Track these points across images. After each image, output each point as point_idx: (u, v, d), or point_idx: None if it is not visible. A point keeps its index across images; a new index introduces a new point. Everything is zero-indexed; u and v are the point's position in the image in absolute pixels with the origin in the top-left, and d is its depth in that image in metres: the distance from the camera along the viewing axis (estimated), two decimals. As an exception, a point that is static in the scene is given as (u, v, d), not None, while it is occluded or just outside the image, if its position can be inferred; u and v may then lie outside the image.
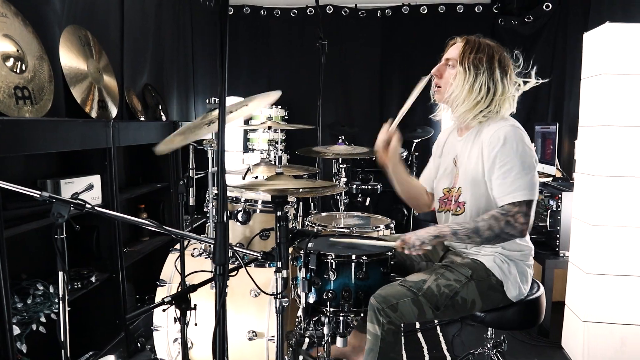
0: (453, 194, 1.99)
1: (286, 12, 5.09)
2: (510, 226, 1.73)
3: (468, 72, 1.88)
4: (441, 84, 1.98)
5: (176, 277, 2.38)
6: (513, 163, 1.77)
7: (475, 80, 1.88)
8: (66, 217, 1.45)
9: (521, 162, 1.77)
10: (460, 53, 1.92)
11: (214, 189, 2.20)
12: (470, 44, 1.93)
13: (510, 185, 1.75)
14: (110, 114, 3.01)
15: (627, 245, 2.55)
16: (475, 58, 1.88)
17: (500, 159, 1.79)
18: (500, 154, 1.79)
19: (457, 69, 1.91)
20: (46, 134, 2.12)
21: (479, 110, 1.89)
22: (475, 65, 1.88)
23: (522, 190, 1.74)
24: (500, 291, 1.89)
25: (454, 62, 1.93)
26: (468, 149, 1.94)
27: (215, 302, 1.14)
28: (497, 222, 1.74)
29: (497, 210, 1.76)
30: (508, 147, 1.78)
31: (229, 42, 4.46)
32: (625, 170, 2.51)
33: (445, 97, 1.96)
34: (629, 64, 2.48)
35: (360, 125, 5.12)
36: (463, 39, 1.96)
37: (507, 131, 1.81)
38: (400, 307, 1.79)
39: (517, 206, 1.73)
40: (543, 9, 4.35)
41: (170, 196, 3.36)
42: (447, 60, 1.97)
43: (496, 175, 1.79)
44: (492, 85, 1.88)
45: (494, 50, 1.92)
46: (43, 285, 2.15)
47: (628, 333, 2.61)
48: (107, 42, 3.09)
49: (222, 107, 1.11)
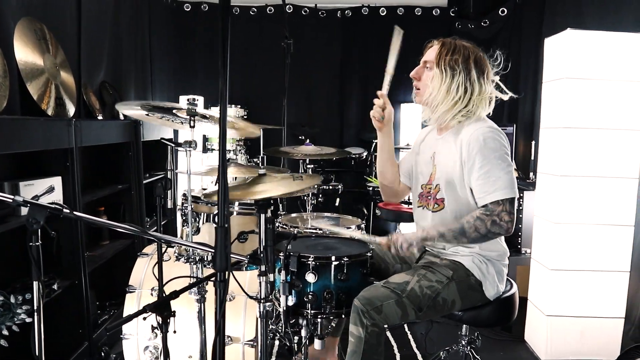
0: (431, 190, 2.02)
1: (245, 11, 5.01)
2: (497, 225, 1.76)
3: (445, 73, 1.91)
4: (420, 86, 2.01)
5: (146, 283, 2.29)
6: (493, 163, 1.81)
7: (452, 81, 1.91)
8: (42, 223, 1.35)
9: (500, 162, 1.81)
10: (436, 55, 1.95)
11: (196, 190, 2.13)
12: (446, 45, 1.96)
13: (492, 185, 1.79)
14: (68, 112, 2.85)
15: (588, 241, 2.67)
16: (451, 59, 1.92)
17: (480, 160, 1.82)
18: (480, 155, 1.82)
19: (434, 70, 1.94)
20: (5, 133, 1.98)
21: (457, 110, 1.93)
22: (452, 67, 1.91)
23: (503, 189, 1.78)
24: (479, 291, 1.93)
25: (431, 64, 1.96)
26: (446, 147, 1.97)
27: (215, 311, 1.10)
28: (482, 222, 1.77)
29: (481, 211, 1.79)
30: (487, 148, 1.82)
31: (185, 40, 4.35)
32: (587, 170, 2.63)
33: (424, 98, 1.99)
34: (590, 69, 2.59)
35: (321, 125, 5.12)
36: (439, 41, 1.99)
37: (485, 132, 1.85)
38: (384, 309, 1.79)
39: (500, 204, 1.77)
40: (499, 13, 4.49)
41: (132, 198, 3.23)
42: (424, 63, 2.00)
43: (476, 175, 1.82)
44: (469, 86, 1.92)
45: (469, 51, 1.95)
46: (2, 295, 2.01)
47: (587, 325, 2.74)
48: (63, 37, 2.92)
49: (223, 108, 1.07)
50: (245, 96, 5.02)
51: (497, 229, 1.78)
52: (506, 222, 1.78)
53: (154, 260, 2.40)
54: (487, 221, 1.77)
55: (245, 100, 4.89)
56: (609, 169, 2.64)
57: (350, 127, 5.22)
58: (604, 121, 2.62)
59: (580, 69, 2.60)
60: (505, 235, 1.85)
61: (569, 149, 2.64)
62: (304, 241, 2.22)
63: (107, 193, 2.95)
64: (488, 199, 1.79)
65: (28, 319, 2.01)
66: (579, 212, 2.66)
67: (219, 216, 1.09)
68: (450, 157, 1.93)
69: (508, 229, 1.79)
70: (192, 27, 4.99)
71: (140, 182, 3.27)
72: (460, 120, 1.94)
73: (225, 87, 1.08)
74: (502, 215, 1.77)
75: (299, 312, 1.97)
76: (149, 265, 2.36)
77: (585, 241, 2.68)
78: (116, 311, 2.98)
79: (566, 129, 2.65)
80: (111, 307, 3.05)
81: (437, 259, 2.01)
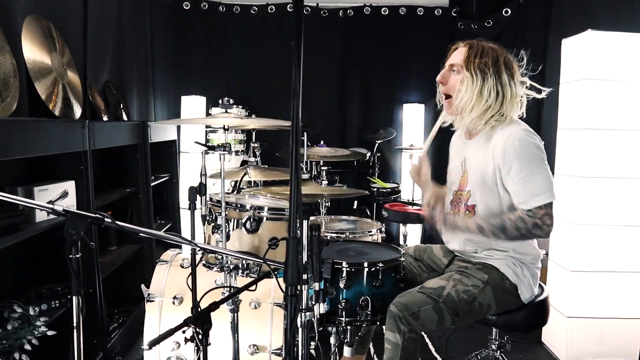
0: (463, 196, 1.97)
1: (246, 9, 4.92)
2: (538, 228, 1.74)
3: (475, 76, 1.86)
4: (449, 92, 1.94)
5: (167, 292, 2.21)
6: (531, 167, 1.77)
7: (483, 85, 1.86)
8: (82, 233, 1.27)
9: (539, 166, 1.78)
10: (464, 58, 1.89)
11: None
12: (474, 48, 1.90)
13: (534, 190, 1.75)
14: (74, 113, 2.75)
15: (609, 243, 2.67)
16: (480, 62, 1.86)
17: (518, 165, 1.78)
18: (517, 159, 1.78)
19: (464, 74, 1.88)
20: (19, 137, 1.88)
21: (490, 115, 1.88)
22: (482, 70, 1.86)
23: (544, 193, 1.75)
24: (514, 294, 1.90)
25: (459, 67, 1.90)
26: (478, 152, 1.92)
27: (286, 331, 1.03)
28: (524, 223, 1.74)
29: (525, 212, 1.75)
30: (524, 152, 1.78)
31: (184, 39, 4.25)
32: (607, 172, 2.62)
33: (455, 104, 1.92)
34: (610, 70, 2.59)
35: (322, 126, 5.05)
36: (466, 43, 1.94)
37: (521, 135, 1.81)
38: (421, 315, 1.75)
39: (543, 209, 1.74)
40: (502, 14, 4.49)
41: (139, 201, 3.13)
42: (451, 66, 1.94)
43: (515, 180, 1.78)
44: (500, 89, 1.87)
45: (497, 53, 1.91)
46: (20, 307, 1.90)
47: (607, 326, 2.73)
48: (70, 36, 2.82)
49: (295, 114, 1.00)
50: (246, 96, 4.93)
51: (538, 231, 1.75)
52: (548, 226, 1.75)
53: (173, 268, 2.33)
54: (529, 223, 1.74)
55: (246, 100, 4.81)
56: (629, 170, 2.64)
57: (352, 127, 5.17)
58: (623, 122, 2.62)
59: (600, 70, 2.59)
60: (544, 238, 1.82)
61: (588, 150, 2.63)
62: (332, 246, 2.16)
63: (117, 197, 2.85)
64: (531, 204, 1.75)
65: (49, 332, 1.91)
66: (599, 214, 2.66)
67: (290, 227, 1.03)
68: (482, 162, 1.88)
69: (548, 232, 1.77)
70: (191, 25, 4.89)
71: (148, 185, 3.18)
72: (493, 125, 1.89)
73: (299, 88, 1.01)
74: (544, 219, 1.74)
75: (330, 320, 1.92)
76: (169, 272, 2.27)
77: (605, 242, 2.67)
78: (126, 319, 2.88)
79: (586, 130, 2.63)
80: (120, 315, 2.95)
81: (469, 264, 1.97)
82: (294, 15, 1.03)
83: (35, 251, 2.35)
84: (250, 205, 1.92)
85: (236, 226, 1.93)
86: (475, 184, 1.91)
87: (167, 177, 3.76)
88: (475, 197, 1.92)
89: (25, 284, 2.24)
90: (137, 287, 2.32)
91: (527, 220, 1.75)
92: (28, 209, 2.01)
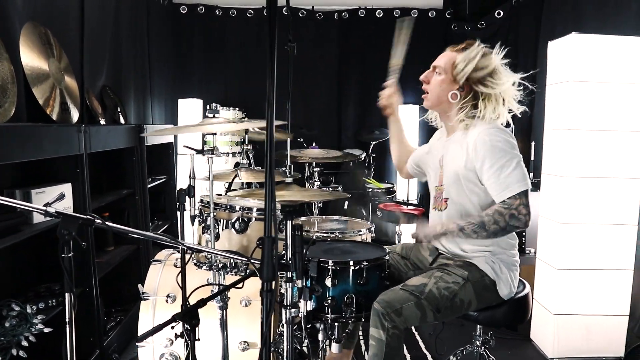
0: (442, 192, 2.06)
1: (242, 12, 4.99)
2: (515, 218, 1.80)
3: (453, 79, 1.96)
4: (428, 90, 2.04)
5: (161, 290, 2.28)
6: (502, 160, 1.83)
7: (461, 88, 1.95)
8: (74, 234, 1.34)
9: (510, 158, 1.84)
10: (447, 61, 1.99)
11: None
12: (458, 52, 1.99)
13: (505, 181, 1.82)
14: (72, 117, 2.82)
15: (593, 241, 2.72)
16: (461, 66, 1.95)
17: (489, 160, 1.85)
18: (488, 154, 1.85)
19: (444, 77, 1.98)
20: (17, 141, 1.95)
21: (465, 115, 1.96)
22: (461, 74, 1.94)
23: (517, 182, 1.81)
24: (494, 290, 1.96)
25: (441, 69, 1.99)
26: (453, 149, 2.01)
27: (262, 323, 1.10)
28: (501, 216, 1.80)
29: (500, 205, 1.82)
30: (494, 147, 1.85)
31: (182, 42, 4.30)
32: (591, 171, 2.68)
33: (432, 103, 2.05)
34: (594, 72, 2.64)
35: (319, 127, 5.12)
36: (453, 48, 2.02)
37: (490, 132, 1.88)
38: (404, 311, 1.81)
39: (517, 199, 1.80)
40: (495, 16, 4.55)
41: (136, 202, 3.20)
42: (434, 68, 2.04)
43: (488, 175, 1.86)
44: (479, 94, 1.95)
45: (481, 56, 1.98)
46: (18, 305, 1.98)
47: (593, 323, 2.79)
48: (67, 41, 2.90)
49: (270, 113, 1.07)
50: (243, 98, 5.00)
51: (515, 221, 1.80)
52: (524, 215, 1.81)
53: (167, 267, 2.39)
54: (506, 215, 1.80)
55: (243, 103, 4.87)
56: (613, 169, 2.69)
57: (348, 128, 5.24)
58: (607, 123, 2.67)
59: (584, 72, 2.65)
60: (523, 229, 1.88)
61: (573, 151, 2.69)
62: (320, 245, 2.23)
63: (113, 199, 2.92)
64: (504, 195, 1.81)
65: (46, 329, 1.98)
66: (584, 212, 2.71)
67: (265, 227, 1.09)
68: (456, 159, 1.97)
69: (526, 222, 1.82)
70: (188, 29, 4.96)
71: (145, 187, 3.25)
72: (468, 124, 1.97)
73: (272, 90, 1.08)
74: (520, 208, 1.80)
75: (317, 317, 1.98)
76: (162, 271, 2.34)
77: (590, 241, 2.73)
78: (123, 318, 2.95)
79: (570, 130, 2.69)
80: (117, 314, 3.02)
81: (451, 261, 2.04)
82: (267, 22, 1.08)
83: (34, 252, 2.42)
84: (239, 206, 1.98)
85: (226, 226, 2.00)
86: (450, 179, 2.00)
87: (164, 179, 3.84)
88: (448, 191, 2.01)
89: (25, 283, 2.31)
90: (134, 286, 2.37)
91: (504, 212, 1.80)
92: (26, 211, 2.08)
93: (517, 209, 1.80)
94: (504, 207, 1.81)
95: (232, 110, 4.64)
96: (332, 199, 2.06)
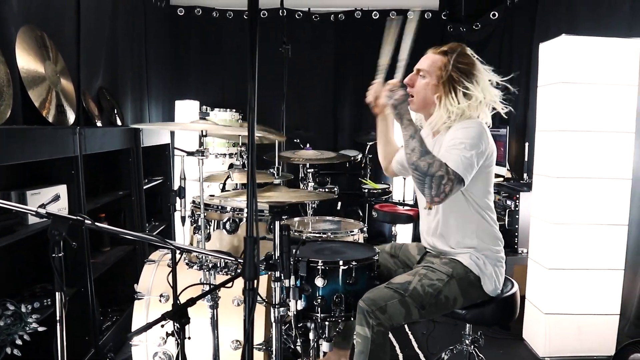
0: None
1: (239, 15, 5.03)
2: (438, 182, 1.74)
3: (438, 83, 1.99)
4: (414, 93, 2.07)
5: (155, 290, 2.31)
6: (464, 142, 1.82)
7: (445, 91, 1.98)
8: (64, 234, 1.37)
9: (469, 145, 1.82)
10: (431, 64, 2.01)
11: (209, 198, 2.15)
12: (441, 55, 2.01)
13: (456, 155, 1.79)
14: (68, 119, 2.86)
15: (584, 241, 2.75)
16: (445, 69, 1.97)
17: (454, 136, 1.86)
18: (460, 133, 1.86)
19: (428, 79, 2.00)
20: (12, 143, 1.98)
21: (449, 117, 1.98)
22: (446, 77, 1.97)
23: (460, 165, 1.77)
24: (478, 286, 1.98)
25: (425, 72, 2.02)
26: (437, 150, 2.03)
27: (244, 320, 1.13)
28: (438, 169, 1.75)
29: (445, 165, 1.77)
30: (468, 129, 1.87)
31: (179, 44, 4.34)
32: (582, 172, 2.71)
33: (418, 106, 2.08)
34: (584, 73, 2.67)
35: (315, 129, 5.16)
36: (435, 50, 2.05)
37: (466, 123, 1.91)
38: (388, 309, 1.84)
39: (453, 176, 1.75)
40: (490, 17, 4.57)
41: (132, 203, 3.23)
42: (418, 71, 2.06)
43: (449, 140, 1.86)
44: (462, 96, 1.96)
45: (464, 60, 2.01)
46: (13, 304, 2.01)
47: (584, 322, 2.81)
48: (63, 44, 2.93)
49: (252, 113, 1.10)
50: (240, 100, 5.03)
51: (437, 181, 1.74)
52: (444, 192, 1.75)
53: (161, 267, 2.42)
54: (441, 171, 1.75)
55: (240, 105, 4.91)
56: (603, 170, 2.71)
57: (345, 130, 5.27)
58: (597, 124, 2.70)
59: (574, 73, 2.68)
60: (432, 199, 1.79)
61: (564, 151, 2.71)
62: (311, 246, 2.25)
63: (109, 199, 2.95)
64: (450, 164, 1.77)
65: (40, 328, 2.02)
66: (575, 213, 2.74)
67: (248, 227, 1.12)
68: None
69: (439, 195, 1.76)
70: (185, 31, 5.00)
71: (141, 188, 3.28)
72: (450, 125, 1.99)
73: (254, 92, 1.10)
74: (448, 183, 1.75)
75: (307, 316, 2.01)
76: (156, 271, 2.37)
77: (581, 240, 2.75)
78: (119, 318, 2.98)
79: (561, 131, 2.72)
80: (114, 314, 3.05)
81: (437, 259, 2.07)
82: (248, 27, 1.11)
83: (30, 252, 2.45)
84: (230, 206, 2.02)
85: (217, 227, 2.03)
86: None
87: (161, 180, 3.87)
88: None
89: (21, 283, 2.34)
90: (130, 286, 2.41)
91: (441, 170, 1.75)
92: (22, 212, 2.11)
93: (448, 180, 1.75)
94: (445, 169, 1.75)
95: (228, 112, 4.69)
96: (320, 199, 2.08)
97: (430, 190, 1.76)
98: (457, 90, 1.96)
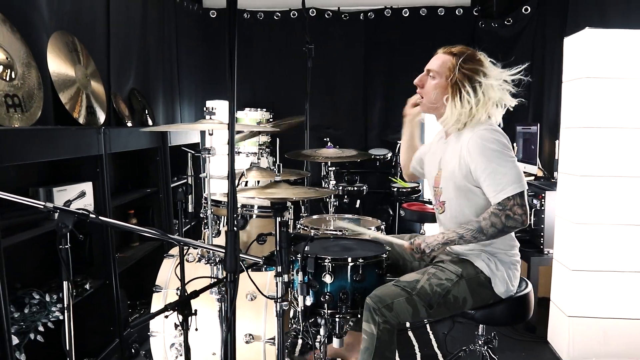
0: (437, 193, 2.08)
1: (269, 15, 5.10)
2: (511, 219, 1.80)
3: (448, 84, 1.97)
4: (423, 94, 2.06)
5: (172, 283, 2.40)
6: (495, 162, 1.84)
7: (455, 93, 1.96)
8: (70, 227, 1.46)
9: (503, 159, 1.85)
10: (440, 65, 1.99)
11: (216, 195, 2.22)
12: (451, 56, 1.99)
13: (500, 183, 1.82)
14: (99, 120, 2.99)
15: (610, 242, 2.65)
16: (455, 70, 1.95)
17: (483, 162, 1.86)
18: (481, 156, 1.86)
19: (438, 80, 1.99)
20: (39, 142, 2.11)
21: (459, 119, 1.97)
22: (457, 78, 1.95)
23: (511, 184, 1.81)
24: (489, 287, 1.96)
25: (435, 73, 2.00)
26: (449, 152, 2.02)
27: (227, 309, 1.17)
28: (497, 218, 1.81)
29: (495, 207, 1.83)
30: (487, 149, 1.86)
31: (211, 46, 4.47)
32: (607, 170, 2.61)
33: (428, 107, 2.08)
34: (609, 68, 2.57)
35: (345, 127, 5.17)
36: (445, 50, 2.03)
37: (482, 134, 1.89)
38: (395, 307, 1.85)
39: (511, 200, 1.80)
40: (522, 12, 4.46)
41: (160, 201, 3.36)
42: (428, 71, 2.05)
43: (483, 177, 1.87)
44: (473, 97, 1.94)
45: (475, 60, 1.98)
46: (39, 294, 2.14)
47: (610, 326, 2.71)
48: (94, 48, 3.07)
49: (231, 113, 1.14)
50: (271, 100, 5.11)
51: (512, 222, 1.81)
52: (520, 215, 1.81)
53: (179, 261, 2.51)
54: (501, 216, 1.81)
55: (270, 104, 4.98)
56: (629, 168, 2.61)
57: (374, 128, 5.25)
58: (623, 120, 2.59)
59: (599, 68, 2.58)
60: (521, 228, 1.86)
61: (588, 149, 2.63)
62: (322, 242, 2.28)
63: (136, 197, 3.08)
64: (499, 197, 1.82)
65: (62, 317, 2.13)
66: (600, 212, 2.64)
67: (229, 221, 1.16)
68: (451, 161, 1.98)
69: (523, 222, 1.83)
70: (218, 33, 5.11)
71: (168, 186, 3.40)
72: (460, 127, 1.98)
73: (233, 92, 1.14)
74: (514, 209, 1.81)
75: (317, 312, 2.04)
76: (174, 266, 2.46)
77: (606, 241, 2.65)
78: (146, 310, 3.11)
79: (586, 128, 2.63)
80: (141, 306, 3.18)
81: (447, 258, 2.06)
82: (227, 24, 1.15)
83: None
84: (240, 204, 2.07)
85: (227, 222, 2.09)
86: (447, 181, 2.01)
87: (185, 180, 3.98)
88: (446, 194, 2.02)
89: (48, 274, 2.48)
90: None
91: (499, 213, 1.82)
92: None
93: (511, 210, 1.81)
94: (499, 209, 1.82)
95: (259, 111, 4.77)
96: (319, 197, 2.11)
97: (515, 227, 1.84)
98: (461, 93, 1.95)
